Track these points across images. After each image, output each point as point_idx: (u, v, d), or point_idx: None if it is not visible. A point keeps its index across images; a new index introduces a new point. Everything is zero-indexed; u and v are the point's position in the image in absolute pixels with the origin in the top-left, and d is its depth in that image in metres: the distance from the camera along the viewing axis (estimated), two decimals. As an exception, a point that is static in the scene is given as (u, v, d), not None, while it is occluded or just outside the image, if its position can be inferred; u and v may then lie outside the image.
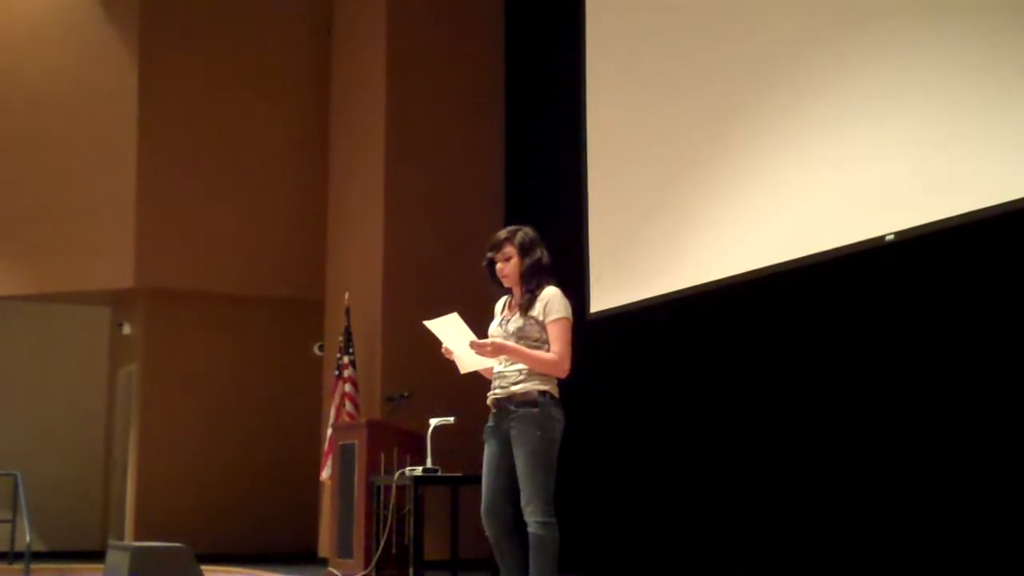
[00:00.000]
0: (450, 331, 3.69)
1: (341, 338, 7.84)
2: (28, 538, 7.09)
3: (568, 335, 3.67)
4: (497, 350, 3.63)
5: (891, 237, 4.35)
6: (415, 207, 8.08)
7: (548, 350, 3.66)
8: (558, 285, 3.75)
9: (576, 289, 5.49)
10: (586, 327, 6.00)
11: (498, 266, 3.78)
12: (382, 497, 6.18)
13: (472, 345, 3.61)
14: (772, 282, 5.13)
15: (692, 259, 5.59)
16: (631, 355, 6.57)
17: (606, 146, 6.50)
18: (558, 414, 3.65)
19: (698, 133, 5.62)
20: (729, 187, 5.35)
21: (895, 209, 4.32)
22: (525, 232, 3.80)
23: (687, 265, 5.62)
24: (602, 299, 6.36)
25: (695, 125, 5.65)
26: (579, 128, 6.73)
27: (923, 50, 4.23)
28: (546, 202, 7.49)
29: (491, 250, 3.79)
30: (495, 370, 3.76)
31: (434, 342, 3.81)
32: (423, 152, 8.18)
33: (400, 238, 8.02)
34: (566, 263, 5.07)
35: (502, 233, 3.82)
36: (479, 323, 3.84)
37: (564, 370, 3.67)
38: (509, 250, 3.77)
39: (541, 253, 3.79)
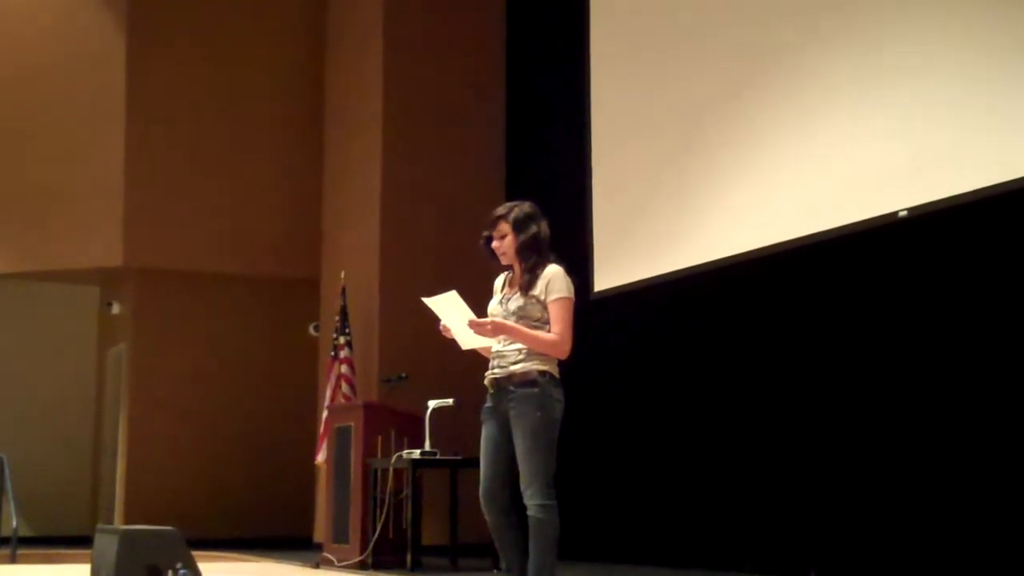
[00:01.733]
0: (449, 309, 3.70)
1: (337, 318, 7.86)
2: (15, 523, 7.13)
3: (569, 315, 3.68)
4: (497, 330, 3.64)
5: (904, 213, 4.36)
6: (414, 183, 8.08)
7: (549, 330, 3.68)
8: (560, 262, 3.75)
9: (580, 268, 5.51)
10: (590, 306, 6.02)
11: (494, 243, 3.80)
12: (379, 481, 6.20)
13: (471, 324, 3.62)
14: (781, 261, 5.14)
15: (698, 237, 5.59)
16: (635, 335, 6.58)
17: (611, 123, 6.49)
18: (558, 394, 3.66)
19: (704, 110, 5.62)
20: (737, 164, 5.35)
21: (908, 184, 4.33)
22: (521, 208, 3.81)
23: (693, 243, 5.61)
24: (606, 278, 6.37)
25: (701, 102, 5.65)
26: (583, 105, 6.72)
27: (934, 20, 4.23)
28: (549, 177, 7.49)
29: (488, 227, 3.81)
30: (494, 349, 3.76)
31: (432, 322, 3.83)
32: (422, 128, 8.17)
33: (398, 215, 8.02)
34: (570, 241, 5.11)
35: (499, 210, 3.83)
36: (480, 302, 3.85)
37: (565, 351, 3.68)
38: (504, 227, 3.78)
39: (538, 228, 3.79)
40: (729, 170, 5.40)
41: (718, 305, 5.84)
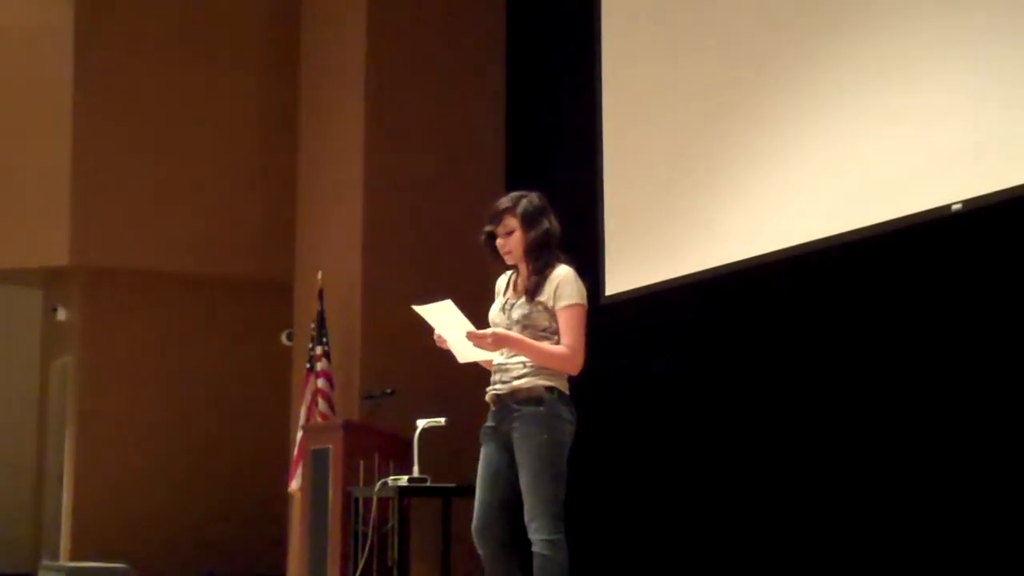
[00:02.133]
0: (444, 319, 3.72)
1: (313, 325, 7.84)
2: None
3: (582, 325, 3.70)
4: (498, 342, 3.65)
5: (958, 206, 4.33)
6: (400, 173, 8.05)
7: (557, 340, 3.66)
8: (571, 263, 3.75)
9: (589, 268, 5.48)
10: (601, 312, 5.99)
11: (499, 241, 3.79)
12: (361, 511, 6.18)
13: (470, 336, 3.63)
14: (818, 259, 5.14)
15: (725, 233, 5.58)
16: (653, 344, 6.57)
17: (624, 104, 6.47)
18: (568, 414, 3.67)
19: (731, 89, 5.60)
20: (767, 150, 5.33)
21: (963, 175, 4.30)
22: (530, 200, 3.81)
23: (719, 240, 5.61)
24: (619, 280, 6.37)
25: (727, 80, 5.63)
26: (592, 85, 6.71)
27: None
28: (554, 167, 7.47)
29: (490, 222, 3.80)
30: (495, 362, 3.78)
31: (423, 330, 3.83)
32: (410, 112, 8.14)
33: (383, 209, 8.00)
34: (577, 239, 5.08)
35: (503, 202, 3.82)
36: (477, 309, 3.86)
37: (576, 365, 3.69)
38: (511, 222, 3.78)
39: (549, 223, 3.79)
40: (757, 158, 5.38)
41: (749, 311, 5.81)
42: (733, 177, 5.55)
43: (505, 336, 3.66)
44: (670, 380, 6.40)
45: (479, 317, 3.83)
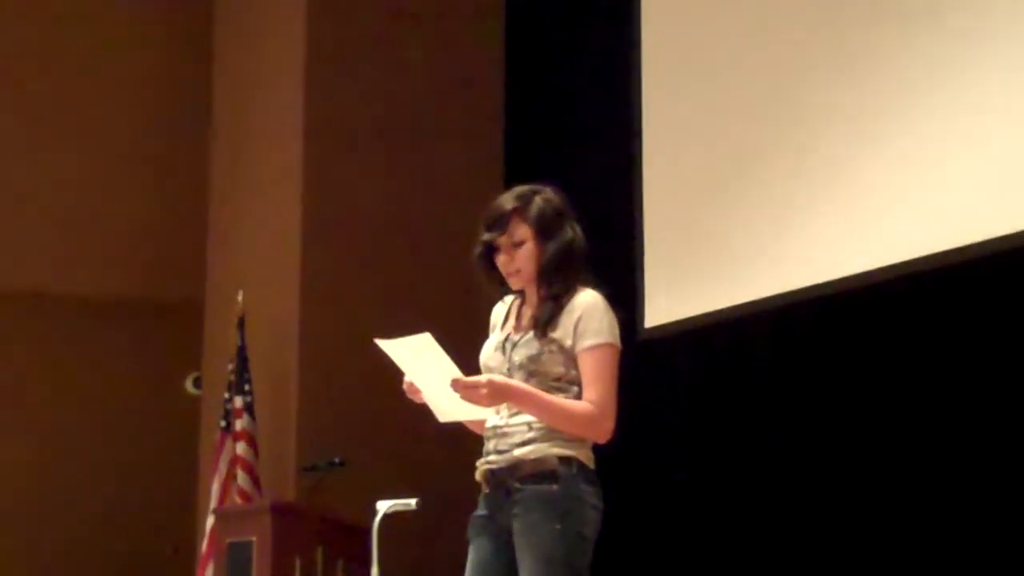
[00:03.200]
0: (418, 360, 3.69)
1: (231, 367, 7.85)
2: None
3: (613, 372, 3.69)
4: (496, 394, 3.62)
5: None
6: (355, 163, 8.07)
7: (578, 394, 3.67)
8: (600, 287, 3.75)
9: (623, 295, 5.55)
10: (638, 352, 6.03)
11: (501, 258, 3.78)
12: (297, 629, 6.17)
13: (456, 385, 3.60)
14: (907, 286, 5.43)
15: (794, 254, 5.84)
16: (705, 393, 6.65)
17: (668, 93, 6.72)
18: (592, 497, 3.67)
19: (803, 81, 5.98)
20: (845, 156, 5.66)
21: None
22: (545, 198, 3.80)
23: (786, 262, 5.86)
24: (662, 309, 6.48)
25: (799, 70, 6.01)
26: (627, 64, 6.93)
27: None
28: (575, 160, 7.53)
29: (490, 229, 3.78)
30: (490, 423, 3.78)
31: (389, 374, 3.81)
32: (366, 83, 8.17)
33: (329, 209, 8.03)
34: (607, 257, 5.16)
35: (507, 200, 3.80)
36: (466, 348, 3.84)
37: (604, 430, 3.68)
38: (521, 229, 3.76)
39: (572, 232, 3.80)
40: (839, 164, 5.70)
41: (826, 348, 6.01)
42: (804, 188, 5.89)
43: (505, 386, 3.63)
44: (728, 438, 6.47)
45: (468, 360, 3.80)
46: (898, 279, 5.46)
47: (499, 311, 3.96)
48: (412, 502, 5.74)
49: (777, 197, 6.03)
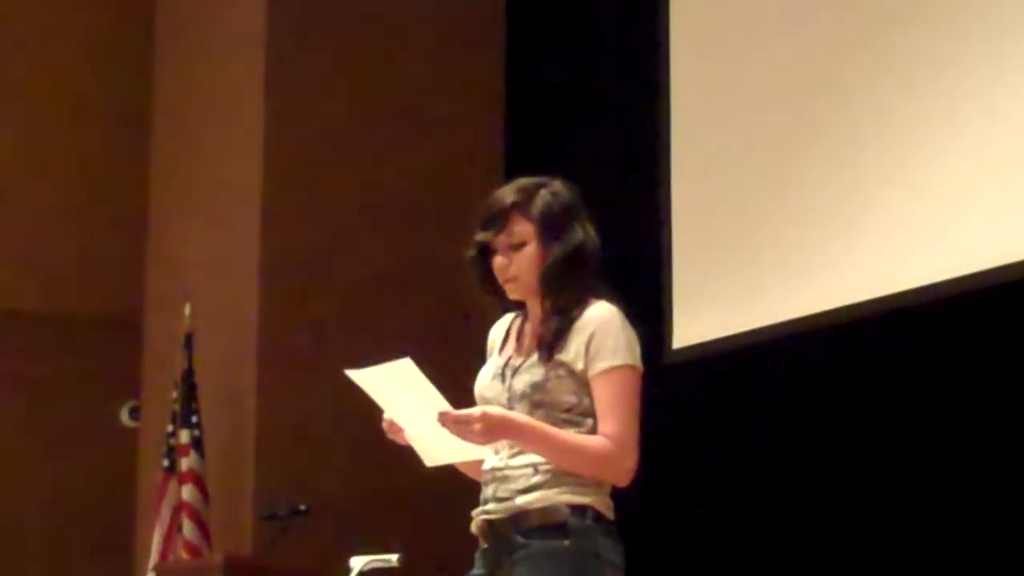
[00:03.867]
0: (398, 391, 3.71)
1: (175, 395, 7.86)
2: None
3: (634, 400, 3.70)
4: (493, 430, 3.63)
5: None
6: (325, 146, 8.10)
7: (593, 427, 3.69)
8: (615, 300, 3.77)
9: (647, 311, 5.57)
10: (665, 376, 6.14)
11: (497, 259, 3.80)
12: None
13: (444, 419, 3.62)
14: (968, 300, 5.66)
15: (841, 267, 6.05)
16: (741, 424, 6.68)
17: (699, 92, 6.88)
18: (610, 552, 3.69)
19: (842, 90, 6.21)
20: (898, 160, 5.92)
21: None
22: (553, 192, 3.81)
23: (832, 276, 6.04)
24: (692, 327, 6.54)
25: (839, 77, 6.23)
26: (649, 47, 7.08)
27: None
28: (587, 149, 7.61)
29: (485, 227, 3.80)
30: (487, 465, 3.80)
31: (364, 408, 3.84)
32: (340, 59, 8.21)
33: (293, 205, 8.04)
34: (629, 267, 5.22)
35: (507, 193, 3.82)
36: (459, 377, 3.87)
37: (624, 470, 3.69)
38: (522, 227, 3.77)
39: (584, 232, 3.81)
40: (890, 169, 5.98)
41: (870, 370, 6.13)
42: (853, 195, 6.07)
43: (502, 419, 3.64)
44: (774, 482, 6.51)
45: (460, 391, 3.83)
46: (951, 295, 5.73)
47: (498, 331, 3.97)
48: (393, 558, 5.78)
49: (825, 202, 6.20)
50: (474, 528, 3.79)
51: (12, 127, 9.42)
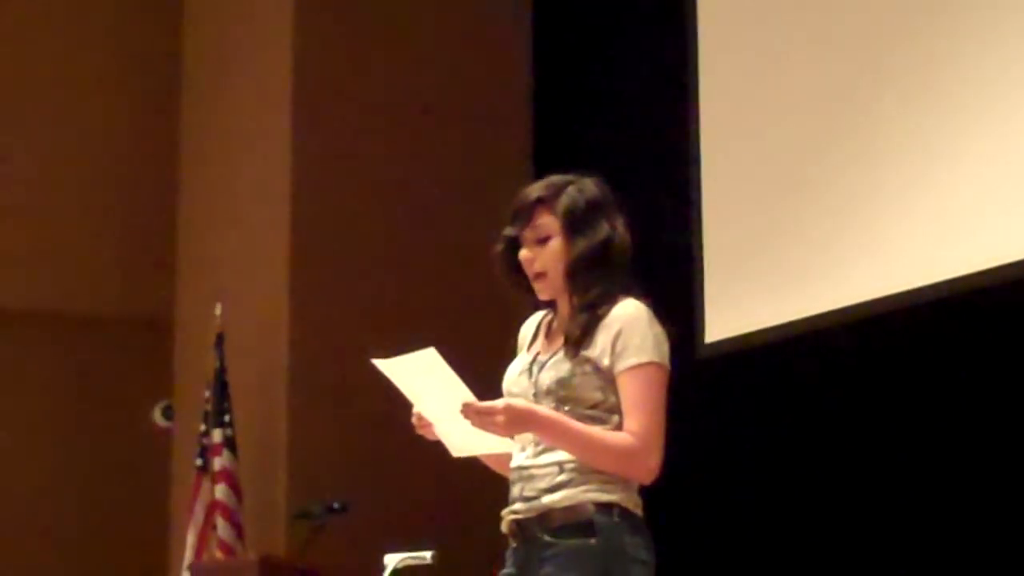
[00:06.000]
0: (424, 382, 3.71)
1: (208, 393, 7.87)
2: None
3: (660, 397, 3.70)
4: (516, 422, 3.64)
5: None
6: (353, 153, 8.10)
7: (619, 424, 3.69)
8: (644, 297, 3.76)
9: (679, 305, 5.57)
10: (696, 373, 6.12)
11: (522, 252, 3.81)
12: None
13: (467, 411, 3.62)
14: (1000, 295, 5.64)
15: (871, 260, 6.04)
16: (775, 420, 6.67)
17: (729, 84, 6.89)
18: (639, 549, 3.69)
19: (875, 79, 6.21)
20: (937, 147, 5.91)
21: None
22: (581, 187, 3.82)
23: (863, 269, 6.03)
24: (725, 321, 6.55)
25: (876, 68, 6.21)
26: (677, 43, 7.08)
27: None
28: (615, 148, 7.59)
29: (512, 221, 3.83)
30: (514, 462, 3.80)
31: (395, 403, 3.84)
32: (367, 61, 8.20)
33: (322, 208, 8.04)
34: (660, 263, 5.22)
35: (535, 190, 3.84)
36: (491, 372, 3.87)
37: (648, 468, 3.68)
38: (546, 222, 3.78)
39: (612, 228, 3.80)
40: (930, 156, 5.98)
41: (909, 363, 6.11)
42: (893, 182, 6.07)
43: (526, 412, 3.64)
44: (808, 482, 6.49)
45: (490, 384, 3.84)
46: (990, 287, 5.70)
47: (528, 328, 3.98)
48: (427, 555, 5.76)
49: (863, 190, 6.19)
50: (504, 527, 3.79)
51: (45, 130, 9.45)
